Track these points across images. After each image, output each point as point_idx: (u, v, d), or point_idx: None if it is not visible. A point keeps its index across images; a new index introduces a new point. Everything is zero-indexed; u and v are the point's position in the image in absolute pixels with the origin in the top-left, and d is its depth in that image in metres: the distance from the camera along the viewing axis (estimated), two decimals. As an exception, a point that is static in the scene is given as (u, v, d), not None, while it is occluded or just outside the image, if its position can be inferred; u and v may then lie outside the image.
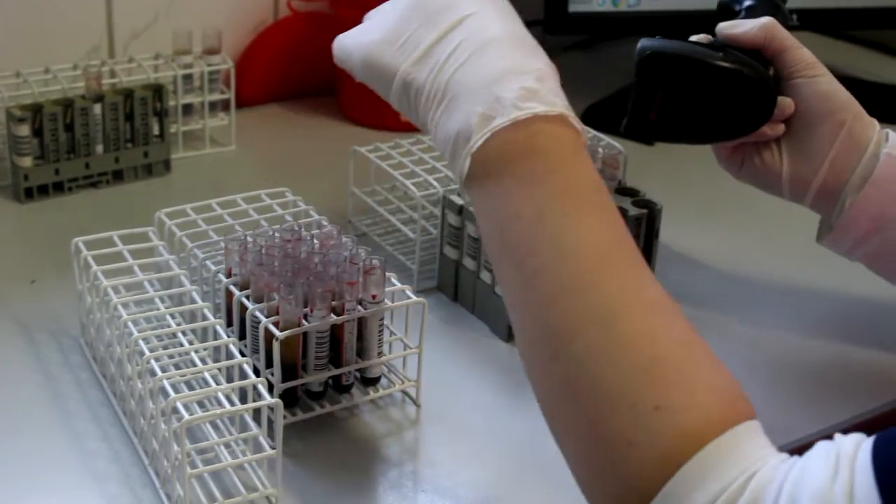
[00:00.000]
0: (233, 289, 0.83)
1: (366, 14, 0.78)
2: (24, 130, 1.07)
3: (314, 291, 0.79)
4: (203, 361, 0.77)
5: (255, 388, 0.74)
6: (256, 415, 0.75)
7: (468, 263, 0.96)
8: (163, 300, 0.84)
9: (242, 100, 1.31)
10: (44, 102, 1.09)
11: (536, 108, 0.64)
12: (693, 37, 0.89)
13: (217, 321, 0.79)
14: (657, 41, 0.86)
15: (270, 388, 0.78)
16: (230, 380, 0.76)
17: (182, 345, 0.79)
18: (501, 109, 0.64)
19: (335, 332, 0.81)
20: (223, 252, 0.85)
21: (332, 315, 0.80)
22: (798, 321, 0.99)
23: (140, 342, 0.76)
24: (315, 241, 0.85)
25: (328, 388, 0.83)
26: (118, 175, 1.15)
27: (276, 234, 0.85)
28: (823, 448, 0.56)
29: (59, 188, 1.12)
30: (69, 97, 1.10)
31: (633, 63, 0.86)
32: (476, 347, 0.93)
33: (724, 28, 0.87)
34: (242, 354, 0.79)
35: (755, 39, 0.86)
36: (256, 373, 0.79)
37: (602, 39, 1.59)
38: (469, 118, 0.65)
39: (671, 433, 0.56)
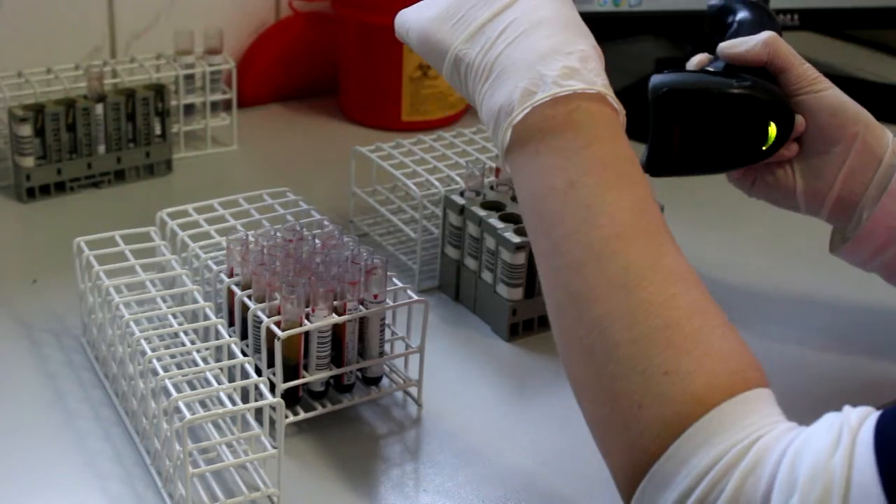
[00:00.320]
0: (234, 288, 0.83)
1: None
2: (27, 130, 1.07)
3: (316, 291, 0.79)
4: (205, 361, 0.77)
5: (257, 388, 0.74)
6: (258, 414, 0.75)
7: (470, 263, 0.96)
8: (164, 300, 0.84)
9: (244, 100, 1.31)
10: (46, 102, 1.09)
11: (576, 86, 0.67)
12: (694, 58, 0.88)
13: (219, 321, 0.79)
14: (668, 76, 0.84)
15: (272, 388, 0.78)
16: (232, 379, 0.76)
17: (184, 344, 0.79)
18: (543, 86, 0.67)
19: (337, 332, 0.81)
20: (225, 252, 0.86)
21: (334, 315, 0.80)
22: (798, 324, 0.99)
23: (142, 342, 0.76)
24: (317, 241, 0.85)
25: (329, 388, 0.84)
26: (120, 175, 1.15)
27: (278, 234, 0.85)
28: (830, 419, 0.57)
29: (61, 188, 1.12)
30: (71, 97, 1.10)
31: (649, 99, 0.84)
32: (477, 347, 0.93)
33: (726, 48, 0.86)
34: (244, 354, 0.79)
35: (759, 57, 0.85)
36: (258, 372, 0.79)
37: (603, 39, 1.58)
38: (512, 93, 0.68)
39: (679, 397, 0.58)
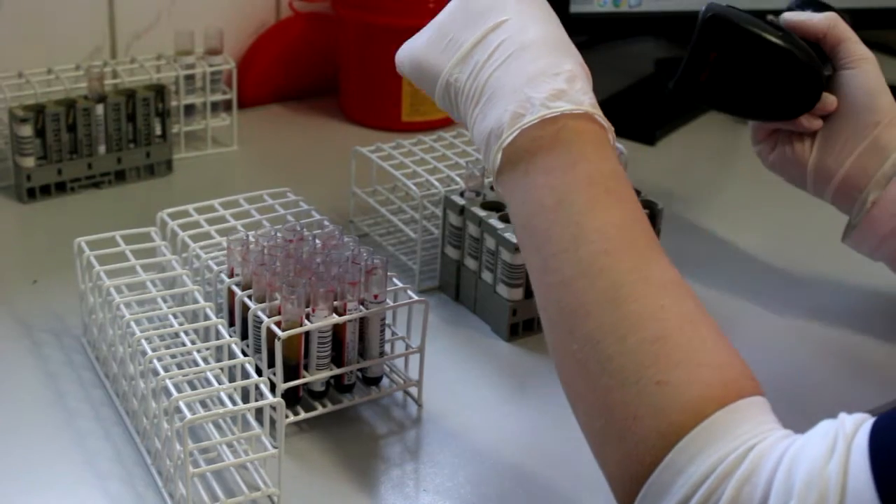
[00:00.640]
0: (235, 289, 0.83)
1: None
2: (27, 131, 1.07)
3: (316, 291, 0.79)
4: (205, 361, 0.77)
5: (258, 388, 0.74)
6: (258, 414, 0.75)
7: (470, 263, 0.96)
8: (165, 300, 0.84)
9: (244, 100, 1.31)
10: (46, 103, 1.09)
11: (564, 107, 0.68)
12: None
13: (219, 321, 0.79)
14: (724, 7, 0.89)
15: (272, 388, 0.78)
16: (232, 379, 0.76)
17: (184, 344, 0.79)
18: (531, 108, 0.68)
19: (337, 332, 0.81)
20: (225, 252, 0.86)
21: (334, 315, 0.80)
22: (801, 320, 0.99)
23: (142, 342, 0.76)
24: (317, 241, 0.85)
25: (330, 388, 0.84)
26: (120, 175, 1.15)
27: (278, 234, 0.85)
28: (825, 426, 0.57)
29: (62, 188, 1.12)
30: (72, 98, 1.10)
31: (697, 24, 0.89)
32: (478, 347, 0.93)
33: (791, 16, 0.91)
34: (244, 354, 0.79)
35: (818, 26, 0.89)
36: (258, 372, 0.79)
37: (603, 40, 1.59)
38: (502, 116, 0.69)
39: (673, 407, 0.59)
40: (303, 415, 0.82)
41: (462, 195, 0.97)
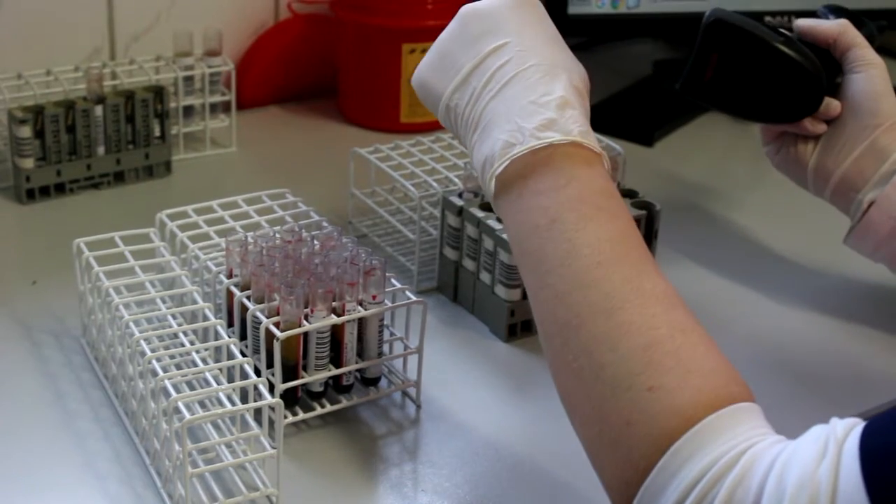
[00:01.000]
0: (234, 289, 0.83)
1: None
2: (26, 132, 1.07)
3: (315, 292, 0.79)
4: (204, 362, 0.77)
5: (256, 388, 0.74)
6: (257, 415, 0.75)
7: (468, 264, 0.97)
8: (164, 301, 0.84)
9: (243, 101, 1.31)
10: (45, 104, 1.09)
11: (553, 138, 0.70)
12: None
13: (218, 321, 0.80)
14: (729, 11, 0.91)
15: (271, 388, 0.79)
16: (231, 380, 0.76)
17: (183, 345, 0.80)
18: (522, 139, 0.70)
19: (335, 333, 0.81)
20: (224, 253, 0.86)
21: (333, 315, 0.80)
22: (799, 321, 0.99)
23: (141, 342, 0.76)
24: (315, 242, 0.86)
25: (328, 389, 0.84)
26: (119, 176, 1.15)
27: (277, 235, 0.85)
28: (816, 431, 0.58)
29: (61, 189, 1.12)
30: (70, 99, 1.10)
31: (700, 29, 0.91)
32: (476, 348, 0.94)
33: (802, 22, 0.92)
34: (243, 355, 0.79)
35: (827, 32, 0.91)
36: (257, 373, 0.79)
37: (601, 41, 1.59)
38: (494, 146, 0.71)
39: (664, 413, 0.59)
40: (301, 415, 0.82)
41: (460, 196, 0.97)
